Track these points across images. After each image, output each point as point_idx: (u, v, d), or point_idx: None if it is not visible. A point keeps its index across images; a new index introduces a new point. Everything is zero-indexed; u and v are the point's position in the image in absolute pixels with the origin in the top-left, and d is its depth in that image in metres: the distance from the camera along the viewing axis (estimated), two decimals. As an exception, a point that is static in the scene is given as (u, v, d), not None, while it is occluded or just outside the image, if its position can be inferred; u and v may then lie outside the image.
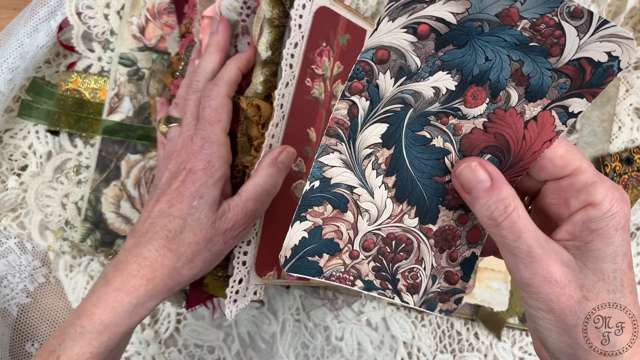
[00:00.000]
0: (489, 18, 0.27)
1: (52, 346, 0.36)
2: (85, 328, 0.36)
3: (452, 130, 0.31)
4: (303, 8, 0.41)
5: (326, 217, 0.32)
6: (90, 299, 0.37)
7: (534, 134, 0.30)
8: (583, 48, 0.28)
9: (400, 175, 0.32)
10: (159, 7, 0.54)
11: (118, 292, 0.37)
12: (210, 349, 0.59)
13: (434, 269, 0.34)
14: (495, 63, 0.29)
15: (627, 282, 0.28)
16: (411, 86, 0.29)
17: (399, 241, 0.33)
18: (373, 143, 0.31)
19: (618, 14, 0.53)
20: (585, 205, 0.28)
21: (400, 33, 0.28)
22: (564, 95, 0.29)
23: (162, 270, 0.37)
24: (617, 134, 0.55)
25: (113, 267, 0.38)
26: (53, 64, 0.58)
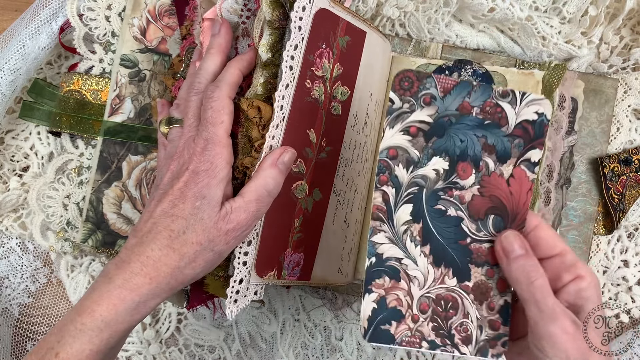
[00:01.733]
0: (453, 112, 0.38)
1: (49, 343, 0.36)
2: (86, 325, 0.36)
3: (458, 200, 0.39)
4: (303, 10, 0.41)
5: (387, 287, 0.39)
6: (91, 296, 0.37)
7: (516, 188, 0.39)
8: (519, 114, 0.38)
9: (433, 244, 0.39)
10: (160, 8, 0.55)
11: (120, 289, 0.37)
12: (211, 349, 0.59)
13: (479, 320, 0.39)
14: (468, 142, 0.39)
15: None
16: (419, 172, 0.39)
17: (446, 300, 0.39)
18: (406, 220, 0.39)
19: (616, 16, 0.53)
20: (575, 277, 0.36)
21: (399, 135, 0.38)
22: (523, 151, 0.39)
23: (165, 270, 0.38)
24: (615, 135, 0.55)
25: (115, 266, 0.38)
26: (54, 66, 0.58)
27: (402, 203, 0.39)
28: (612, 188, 0.54)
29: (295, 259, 0.45)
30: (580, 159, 0.54)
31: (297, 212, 0.45)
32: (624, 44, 0.55)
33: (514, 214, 0.39)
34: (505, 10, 0.52)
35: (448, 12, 0.53)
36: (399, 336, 0.39)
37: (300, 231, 0.45)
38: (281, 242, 0.44)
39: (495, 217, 0.39)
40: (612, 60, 0.55)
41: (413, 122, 0.38)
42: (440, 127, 0.38)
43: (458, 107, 0.39)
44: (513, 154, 0.39)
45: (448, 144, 0.39)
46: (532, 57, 0.55)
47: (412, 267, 0.39)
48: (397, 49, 0.55)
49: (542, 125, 0.38)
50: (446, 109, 0.39)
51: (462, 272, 0.39)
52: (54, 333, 0.36)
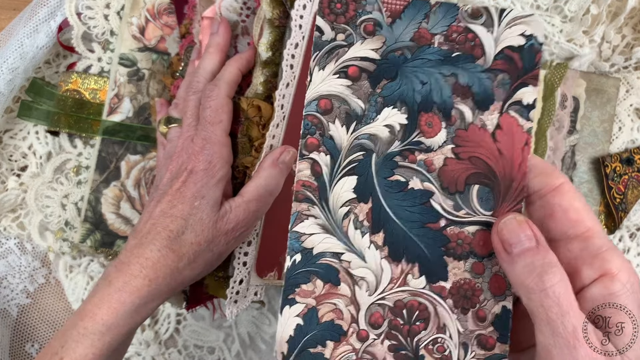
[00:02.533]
0: (406, 44, 0.28)
1: (54, 348, 0.36)
2: (88, 329, 0.36)
3: (424, 167, 0.29)
4: (304, 8, 0.41)
5: (318, 294, 0.28)
6: (92, 299, 0.37)
7: (507, 144, 0.28)
8: (499, 40, 0.28)
9: (388, 230, 0.28)
10: (159, 7, 0.54)
11: (120, 292, 0.37)
12: (210, 350, 0.59)
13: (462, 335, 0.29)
14: (432, 84, 0.28)
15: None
16: (364, 130, 0.28)
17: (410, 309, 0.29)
18: (347, 199, 0.28)
19: (618, 14, 0.53)
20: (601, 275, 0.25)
21: (333, 79, 0.28)
22: (510, 91, 0.29)
23: (165, 271, 0.37)
24: (617, 134, 0.55)
25: (115, 268, 0.38)
26: (53, 65, 0.58)
27: (340, 175, 0.28)
28: (614, 188, 0.53)
29: None
30: (582, 158, 0.54)
31: None
32: (625, 42, 0.55)
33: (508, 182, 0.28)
34: (507, 8, 0.52)
35: (449, 10, 0.53)
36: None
37: None
38: (281, 242, 0.44)
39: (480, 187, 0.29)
40: (614, 59, 0.55)
41: (352, 59, 0.28)
42: (391, 65, 0.28)
43: (413, 37, 0.28)
44: (497, 96, 0.29)
45: (404, 88, 0.28)
46: (534, 56, 0.55)
47: (357, 265, 0.28)
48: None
49: (532, 51, 0.29)
50: (397, 39, 0.28)
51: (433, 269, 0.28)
52: (58, 338, 0.36)
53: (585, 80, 0.54)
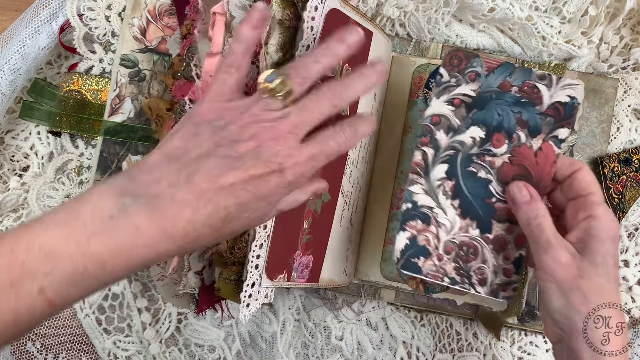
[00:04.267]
0: (494, 89, 0.44)
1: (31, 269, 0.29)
2: (90, 272, 0.30)
3: (489, 165, 0.44)
4: (315, 10, 0.41)
5: (418, 229, 0.45)
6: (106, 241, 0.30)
7: (543, 159, 0.43)
8: (553, 96, 0.43)
9: (462, 199, 0.44)
10: (160, 8, 0.55)
11: (147, 249, 0.31)
12: (211, 349, 0.59)
13: (495, 267, 0.45)
14: (505, 116, 0.44)
15: (611, 273, 0.39)
16: (457, 137, 0.44)
17: (468, 247, 0.45)
18: (441, 177, 0.44)
19: (616, 16, 0.53)
20: (588, 216, 0.40)
21: (444, 105, 0.44)
22: (553, 128, 0.43)
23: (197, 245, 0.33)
24: (615, 135, 0.55)
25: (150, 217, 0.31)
26: (54, 66, 0.58)
27: (439, 162, 0.44)
28: (612, 188, 0.54)
29: (304, 262, 0.45)
30: (580, 158, 0.54)
31: (306, 214, 0.44)
32: (624, 43, 0.55)
33: (538, 181, 0.43)
34: (505, 10, 0.52)
35: (448, 12, 0.53)
36: (425, 269, 0.45)
37: (309, 233, 0.45)
38: (291, 245, 0.44)
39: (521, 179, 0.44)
40: (612, 60, 0.55)
41: (458, 94, 0.44)
42: (482, 101, 0.44)
43: (499, 85, 0.44)
44: (543, 130, 0.43)
45: (487, 116, 0.44)
46: (532, 57, 0.55)
47: (441, 216, 0.45)
48: (397, 49, 0.55)
49: (572, 107, 0.43)
50: (489, 85, 0.44)
51: (484, 225, 0.45)
52: (37, 257, 0.29)
53: (584, 81, 0.54)
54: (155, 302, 0.59)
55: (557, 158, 0.43)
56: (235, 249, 0.41)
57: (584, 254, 0.39)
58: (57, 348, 0.58)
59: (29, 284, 0.29)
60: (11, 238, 0.29)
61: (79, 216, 0.30)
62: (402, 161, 0.55)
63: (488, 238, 0.45)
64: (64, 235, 0.30)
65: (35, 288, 0.29)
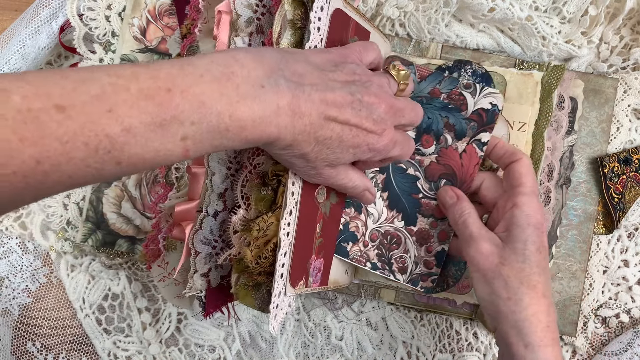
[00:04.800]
0: (425, 95, 0.48)
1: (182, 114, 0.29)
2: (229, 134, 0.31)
3: (418, 163, 0.48)
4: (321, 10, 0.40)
5: (351, 216, 0.49)
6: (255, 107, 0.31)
7: (467, 161, 0.48)
8: (477, 103, 0.47)
9: (391, 192, 0.49)
10: (160, 8, 0.55)
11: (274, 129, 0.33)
12: (211, 349, 0.59)
13: (416, 258, 0.49)
14: (433, 120, 0.48)
15: (533, 258, 0.42)
16: None
17: (392, 236, 0.49)
18: (373, 170, 0.49)
19: (616, 16, 0.53)
20: (512, 206, 0.43)
21: None
22: (476, 133, 0.47)
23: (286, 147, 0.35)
24: (615, 134, 0.55)
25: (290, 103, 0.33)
26: (54, 65, 0.58)
27: None
28: (612, 187, 0.54)
29: (317, 265, 0.44)
30: (580, 158, 0.54)
31: (318, 217, 0.44)
32: (623, 43, 0.55)
33: (462, 181, 0.48)
34: (505, 10, 0.52)
35: (448, 12, 0.53)
36: (351, 254, 0.49)
37: (321, 236, 0.44)
38: (308, 250, 0.43)
39: (446, 181, 0.48)
40: (612, 60, 0.55)
41: None
42: None
43: (430, 91, 0.48)
44: (468, 133, 0.48)
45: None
46: (532, 57, 0.55)
47: (371, 206, 0.49)
48: (397, 49, 0.55)
49: (493, 113, 0.47)
50: (420, 91, 0.48)
51: (409, 218, 0.49)
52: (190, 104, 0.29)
53: (583, 81, 0.54)
54: (155, 302, 0.59)
55: (480, 160, 0.47)
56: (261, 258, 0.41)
57: (507, 242, 0.42)
58: (57, 348, 0.58)
59: (175, 129, 0.29)
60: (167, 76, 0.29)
61: (234, 76, 0.31)
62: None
63: (412, 230, 0.48)
64: (218, 90, 0.30)
65: (180, 134, 0.29)
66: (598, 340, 0.56)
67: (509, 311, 0.41)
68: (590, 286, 0.55)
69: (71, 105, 0.26)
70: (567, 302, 0.54)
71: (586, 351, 0.55)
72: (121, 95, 0.27)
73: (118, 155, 0.28)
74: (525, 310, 0.41)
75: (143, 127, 0.28)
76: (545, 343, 0.40)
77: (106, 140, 0.27)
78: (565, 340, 0.56)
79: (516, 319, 0.41)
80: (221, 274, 0.45)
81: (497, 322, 0.42)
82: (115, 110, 0.27)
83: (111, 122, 0.27)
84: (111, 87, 0.27)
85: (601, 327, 0.56)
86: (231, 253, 0.42)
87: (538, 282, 0.42)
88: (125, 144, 0.27)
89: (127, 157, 0.28)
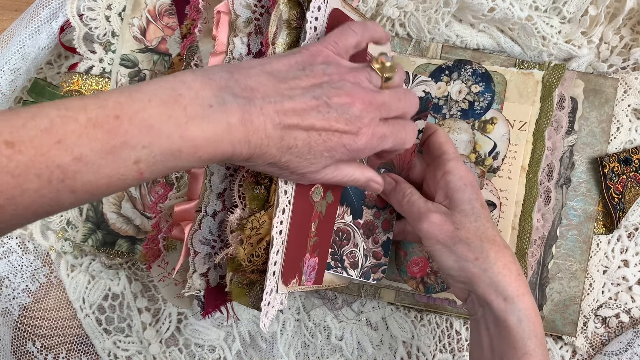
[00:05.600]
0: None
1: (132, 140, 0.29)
2: (182, 154, 0.31)
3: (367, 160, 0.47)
4: (318, 10, 0.40)
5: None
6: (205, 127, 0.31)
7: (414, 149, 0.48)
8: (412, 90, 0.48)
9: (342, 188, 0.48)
10: (160, 8, 0.55)
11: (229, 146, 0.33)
12: (211, 348, 0.59)
13: (365, 250, 0.49)
14: None
15: (482, 214, 0.43)
16: None
17: (342, 232, 0.48)
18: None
19: (616, 16, 0.53)
20: (443, 173, 0.44)
21: None
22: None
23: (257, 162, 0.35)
24: (615, 134, 0.55)
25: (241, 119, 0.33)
26: (54, 65, 0.58)
27: None
28: (612, 187, 0.54)
29: (311, 264, 0.45)
30: (580, 158, 0.54)
31: (313, 216, 0.44)
32: (624, 43, 0.55)
33: (400, 169, 0.49)
34: (505, 10, 0.52)
35: (448, 12, 0.53)
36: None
37: (316, 235, 0.44)
38: (301, 248, 0.43)
39: (385, 170, 0.49)
40: (612, 60, 0.55)
41: None
42: None
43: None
44: None
45: None
46: (532, 57, 0.55)
47: None
48: (397, 48, 0.55)
49: (427, 101, 0.48)
50: None
51: (356, 212, 0.48)
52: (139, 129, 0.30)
53: (584, 81, 0.54)
54: (155, 302, 0.59)
55: (416, 147, 0.48)
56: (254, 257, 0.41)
57: (453, 208, 0.43)
58: (57, 348, 0.58)
59: (127, 154, 0.29)
60: (115, 104, 0.30)
61: (181, 98, 0.31)
62: (402, 161, 0.55)
63: (359, 223, 0.48)
64: (166, 113, 0.31)
65: (132, 158, 0.30)
66: (598, 340, 0.56)
67: (480, 271, 0.42)
68: (590, 286, 0.55)
69: (20, 141, 0.27)
70: (567, 302, 0.54)
71: (586, 351, 0.55)
72: (70, 126, 0.28)
73: (71, 184, 0.28)
74: (495, 264, 0.42)
75: (94, 154, 0.28)
76: (521, 292, 0.41)
77: (58, 170, 0.28)
78: (565, 340, 0.56)
79: (489, 276, 0.41)
80: (220, 274, 0.45)
81: (471, 285, 0.42)
82: (64, 140, 0.28)
83: (61, 153, 0.28)
84: (60, 119, 0.28)
85: (601, 327, 0.56)
86: (228, 252, 0.42)
87: (495, 235, 0.43)
88: (77, 172, 0.28)
89: (80, 184, 0.29)
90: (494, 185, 0.51)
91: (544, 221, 0.53)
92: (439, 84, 0.53)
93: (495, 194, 0.51)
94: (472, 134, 0.52)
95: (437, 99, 0.53)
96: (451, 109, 0.53)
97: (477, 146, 0.52)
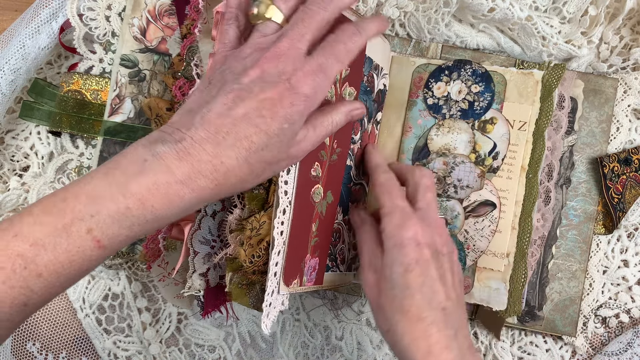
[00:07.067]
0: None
1: (78, 213, 0.31)
2: (132, 212, 0.32)
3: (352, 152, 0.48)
4: None
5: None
6: (141, 180, 0.32)
7: (372, 141, 0.51)
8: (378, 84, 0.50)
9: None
10: (160, 8, 0.55)
11: (182, 186, 0.33)
12: (211, 348, 0.59)
13: (348, 244, 0.50)
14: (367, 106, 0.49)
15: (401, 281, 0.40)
16: None
17: (336, 231, 0.47)
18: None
19: (616, 16, 0.53)
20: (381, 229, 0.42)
21: None
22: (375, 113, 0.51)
23: (233, 181, 0.35)
24: (615, 134, 0.55)
25: (177, 155, 0.33)
26: (54, 66, 0.58)
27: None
28: (612, 188, 0.54)
29: (312, 264, 0.45)
30: (580, 158, 0.54)
31: (314, 216, 0.44)
32: (623, 43, 0.55)
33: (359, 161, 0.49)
34: (505, 10, 0.52)
35: (448, 12, 0.54)
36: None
37: (316, 235, 0.44)
38: (302, 249, 0.43)
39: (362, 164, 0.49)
40: (612, 60, 0.55)
41: None
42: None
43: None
44: (372, 114, 0.50)
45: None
46: (532, 57, 0.55)
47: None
48: (397, 49, 0.55)
49: (384, 93, 0.51)
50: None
51: (345, 208, 0.49)
52: (84, 203, 0.31)
53: (583, 81, 0.54)
54: (155, 302, 0.59)
55: (377, 137, 0.51)
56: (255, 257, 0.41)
57: (382, 267, 0.41)
58: (57, 348, 0.58)
59: (78, 225, 0.31)
60: (63, 191, 0.32)
61: (118, 166, 0.33)
62: (401, 161, 0.55)
63: (346, 219, 0.49)
64: (106, 182, 0.32)
65: (83, 229, 0.31)
66: (598, 340, 0.56)
67: (392, 343, 0.40)
68: (590, 286, 0.55)
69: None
70: (567, 302, 0.54)
71: (586, 351, 0.55)
72: (25, 220, 0.31)
73: (35, 268, 0.31)
74: (402, 340, 0.39)
75: (48, 236, 0.31)
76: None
77: (19, 259, 0.30)
78: (565, 340, 0.56)
79: (399, 349, 0.39)
80: (220, 274, 0.45)
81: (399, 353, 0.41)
82: (20, 233, 0.31)
83: (18, 242, 0.30)
84: (17, 217, 0.31)
85: (601, 327, 0.56)
86: (227, 252, 0.42)
87: (411, 306, 0.39)
88: (36, 255, 0.30)
89: (44, 266, 0.31)
90: (494, 185, 0.51)
91: (543, 221, 0.53)
92: (439, 84, 0.53)
93: (495, 194, 0.51)
94: (472, 134, 0.52)
95: (437, 99, 0.52)
96: (451, 109, 0.53)
97: (477, 146, 0.52)
